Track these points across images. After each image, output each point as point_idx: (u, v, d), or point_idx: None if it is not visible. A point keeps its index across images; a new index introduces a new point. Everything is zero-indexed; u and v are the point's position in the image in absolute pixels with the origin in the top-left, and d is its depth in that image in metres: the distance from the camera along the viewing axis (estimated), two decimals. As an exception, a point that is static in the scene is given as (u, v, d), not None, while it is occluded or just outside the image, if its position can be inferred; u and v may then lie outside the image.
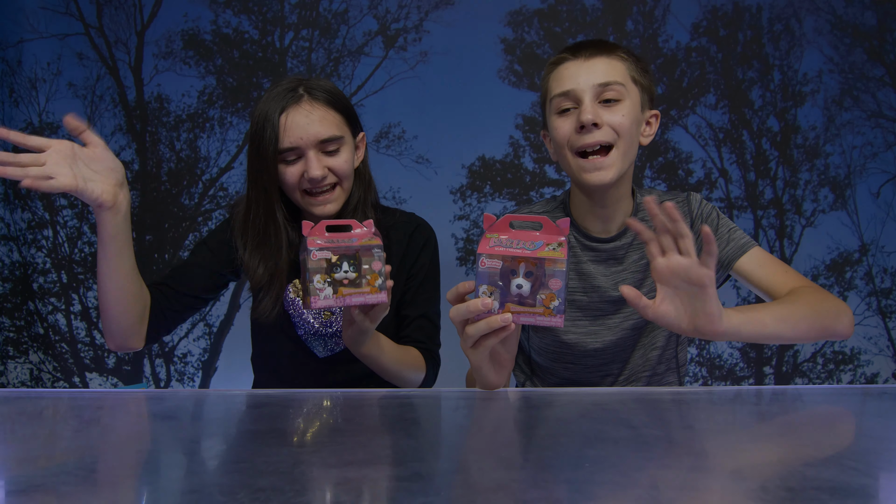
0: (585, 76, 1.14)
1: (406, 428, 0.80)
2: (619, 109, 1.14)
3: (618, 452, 0.66)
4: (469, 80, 2.35)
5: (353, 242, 0.99)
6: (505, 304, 0.82)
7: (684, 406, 0.88)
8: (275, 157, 1.16)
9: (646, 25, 2.37)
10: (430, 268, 1.32)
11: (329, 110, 1.19)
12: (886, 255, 2.38)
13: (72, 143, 1.06)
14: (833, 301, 1.10)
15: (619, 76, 1.15)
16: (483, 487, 0.55)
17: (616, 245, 1.24)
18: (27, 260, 2.35)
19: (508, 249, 0.82)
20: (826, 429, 0.84)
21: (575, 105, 1.15)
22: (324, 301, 0.97)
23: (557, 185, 2.37)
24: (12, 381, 2.36)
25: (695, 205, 1.25)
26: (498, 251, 0.82)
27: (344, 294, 0.98)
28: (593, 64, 1.15)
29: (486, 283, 0.82)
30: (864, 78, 2.38)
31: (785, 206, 2.38)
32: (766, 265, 1.18)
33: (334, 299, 0.98)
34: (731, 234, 1.22)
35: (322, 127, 1.17)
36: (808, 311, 1.04)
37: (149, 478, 0.62)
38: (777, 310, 1.02)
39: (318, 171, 1.16)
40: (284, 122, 1.16)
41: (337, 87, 1.24)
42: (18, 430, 0.81)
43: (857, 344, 2.38)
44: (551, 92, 1.18)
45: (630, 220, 0.93)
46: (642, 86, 1.18)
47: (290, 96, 1.17)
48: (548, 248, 0.82)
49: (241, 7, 2.37)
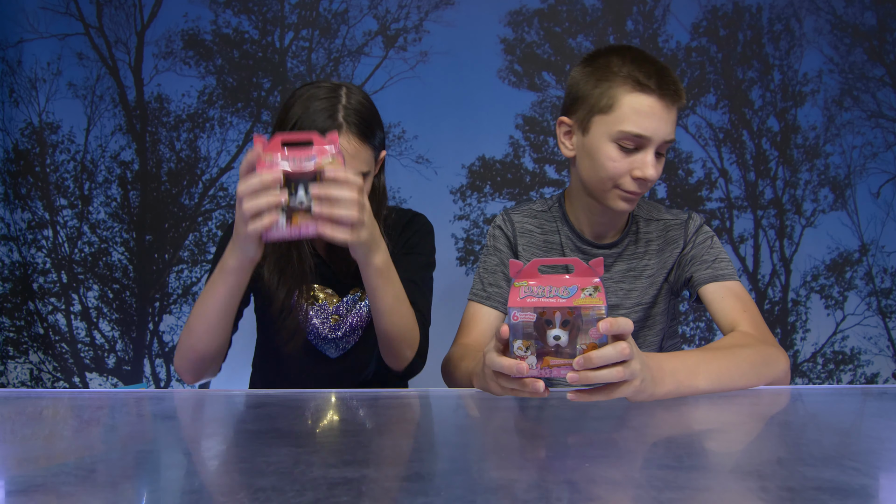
0: (664, 128, 1.11)
1: (406, 428, 0.80)
2: (661, 162, 1.15)
3: (618, 452, 0.66)
4: (469, 80, 2.35)
5: (311, 162, 0.88)
6: (543, 356, 0.75)
7: (684, 406, 0.88)
8: None
9: (646, 25, 2.37)
10: (422, 244, 1.31)
11: (363, 146, 1.14)
12: (886, 255, 2.38)
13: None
14: (773, 354, 1.06)
15: (674, 131, 1.15)
16: (483, 487, 0.55)
17: (606, 252, 1.26)
18: (27, 260, 2.35)
19: (541, 300, 0.75)
20: (826, 429, 0.84)
21: (637, 147, 1.12)
22: (276, 232, 0.88)
23: (557, 185, 2.37)
24: (12, 381, 2.36)
25: (691, 228, 1.26)
26: (530, 302, 0.74)
27: (299, 223, 0.88)
28: (671, 113, 1.12)
29: (521, 338, 0.75)
30: (864, 78, 2.38)
31: (785, 206, 2.38)
32: (729, 298, 1.16)
33: (288, 229, 0.88)
34: (715, 262, 1.21)
35: (353, 164, 1.11)
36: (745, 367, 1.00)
37: (149, 478, 0.62)
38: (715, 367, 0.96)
39: None
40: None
41: (372, 107, 1.19)
42: (18, 430, 0.81)
43: (857, 344, 2.38)
44: (622, 121, 1.11)
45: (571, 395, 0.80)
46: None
47: (330, 123, 1.11)
48: (583, 293, 0.75)
49: (241, 7, 2.37)
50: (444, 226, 2.34)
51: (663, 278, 1.27)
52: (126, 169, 2.38)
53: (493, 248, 1.32)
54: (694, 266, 1.22)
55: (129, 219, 2.39)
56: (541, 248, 1.30)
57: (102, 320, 2.38)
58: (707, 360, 0.96)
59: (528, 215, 1.33)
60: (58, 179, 2.36)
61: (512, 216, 1.33)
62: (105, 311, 2.38)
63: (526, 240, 1.31)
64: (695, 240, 1.25)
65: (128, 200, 2.38)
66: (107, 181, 2.38)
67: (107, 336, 2.38)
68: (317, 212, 0.89)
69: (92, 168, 2.37)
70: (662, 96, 1.10)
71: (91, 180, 2.37)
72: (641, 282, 1.27)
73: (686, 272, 1.24)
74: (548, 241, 1.31)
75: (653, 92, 1.09)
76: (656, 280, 1.27)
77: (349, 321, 1.29)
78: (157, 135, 2.38)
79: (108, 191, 2.38)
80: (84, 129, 2.36)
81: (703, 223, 1.27)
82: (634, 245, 1.28)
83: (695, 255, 1.23)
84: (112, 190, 2.38)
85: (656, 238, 1.28)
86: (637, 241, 1.28)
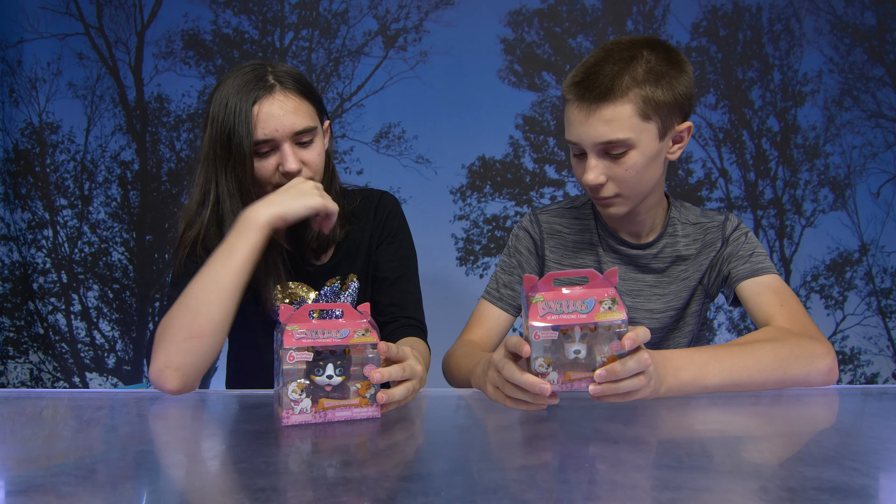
0: (589, 132, 1.06)
1: (406, 428, 0.80)
2: (624, 162, 1.07)
3: (618, 452, 0.66)
4: (469, 80, 2.35)
5: (340, 337, 0.80)
6: (564, 371, 0.75)
7: (684, 406, 0.88)
8: (250, 149, 1.10)
9: (646, 25, 2.37)
10: (398, 230, 1.30)
11: (302, 100, 1.14)
12: (886, 255, 2.38)
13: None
14: (807, 346, 0.99)
15: (622, 130, 1.05)
16: (483, 487, 0.55)
17: (640, 253, 1.23)
18: (27, 260, 2.35)
19: (561, 317, 0.74)
20: (826, 429, 0.84)
21: (583, 153, 1.10)
22: (299, 416, 0.78)
23: (557, 185, 2.37)
24: (12, 381, 2.36)
25: (729, 228, 1.23)
26: (551, 320, 0.74)
27: (325, 408, 0.79)
28: (598, 116, 1.04)
29: (542, 356, 0.75)
30: (864, 78, 2.38)
31: (785, 206, 2.38)
32: (766, 293, 1.12)
33: (312, 414, 0.79)
34: (752, 256, 1.18)
35: (297, 118, 1.12)
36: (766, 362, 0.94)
37: (149, 478, 0.62)
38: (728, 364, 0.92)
39: (295, 164, 1.12)
40: (258, 112, 1.10)
41: (302, 73, 1.19)
42: (18, 430, 0.81)
43: (857, 344, 2.38)
44: (565, 129, 1.12)
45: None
46: (661, 114, 1.06)
47: (261, 86, 1.11)
48: (602, 307, 0.75)
49: (241, 7, 2.37)
50: (444, 226, 2.34)
51: (697, 281, 1.24)
52: (126, 169, 2.38)
53: (513, 250, 1.30)
54: (731, 263, 1.19)
55: (129, 219, 2.39)
56: (570, 249, 1.27)
57: (102, 320, 2.38)
58: (720, 357, 0.91)
59: (557, 214, 1.30)
60: (58, 179, 2.36)
61: (540, 216, 1.30)
62: (105, 311, 2.38)
63: (555, 241, 1.28)
64: (731, 238, 1.22)
65: (128, 200, 2.39)
66: (107, 181, 2.38)
67: (107, 336, 2.38)
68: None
69: (92, 168, 2.37)
70: (581, 99, 1.05)
71: (91, 180, 2.37)
72: (676, 286, 1.24)
73: (724, 270, 1.21)
74: (578, 242, 1.27)
75: (575, 98, 1.07)
76: (690, 283, 1.24)
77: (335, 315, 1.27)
78: (157, 135, 2.38)
79: (108, 191, 2.38)
80: (84, 129, 2.36)
81: (740, 222, 1.25)
82: (672, 248, 1.24)
83: (731, 253, 1.20)
84: (112, 190, 2.38)
85: (693, 241, 1.24)
86: (675, 243, 1.24)
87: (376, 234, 1.28)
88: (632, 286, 1.24)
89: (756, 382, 0.93)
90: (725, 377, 0.90)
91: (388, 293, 1.25)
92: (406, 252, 1.30)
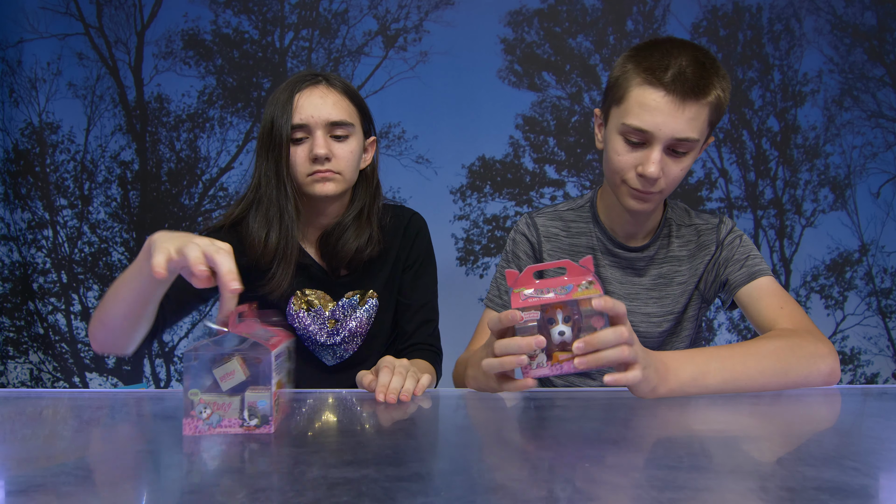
0: (671, 123, 1.03)
1: (406, 428, 0.80)
2: (682, 161, 1.07)
3: (618, 452, 0.66)
4: (469, 80, 2.35)
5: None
6: (551, 354, 0.77)
7: (684, 406, 0.88)
8: (287, 134, 1.15)
9: (646, 25, 2.37)
10: (425, 256, 1.33)
11: (344, 98, 1.20)
12: (886, 255, 2.38)
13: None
14: (809, 347, 0.98)
15: (697, 130, 1.04)
16: (483, 487, 0.55)
17: (637, 256, 1.23)
18: (27, 260, 2.35)
19: (542, 298, 0.78)
20: (826, 429, 0.84)
21: (644, 142, 1.06)
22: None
23: (557, 185, 2.37)
24: (12, 381, 2.36)
25: (723, 232, 1.23)
26: (532, 302, 0.77)
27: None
28: (685, 111, 1.03)
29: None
30: (864, 78, 2.38)
31: (785, 206, 2.38)
32: (765, 298, 1.12)
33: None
34: (748, 260, 1.18)
35: (334, 110, 1.17)
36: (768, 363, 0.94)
37: (149, 478, 0.62)
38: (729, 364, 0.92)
39: (323, 149, 1.15)
40: (298, 100, 1.17)
41: (355, 87, 1.26)
42: (18, 430, 0.81)
43: (857, 344, 2.38)
44: (627, 114, 1.06)
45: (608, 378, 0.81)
46: (716, 122, 1.08)
47: (309, 79, 1.19)
48: (579, 288, 0.78)
49: (241, 7, 2.37)
50: (444, 226, 2.34)
51: (694, 285, 1.24)
52: (126, 169, 2.38)
53: (511, 255, 1.30)
54: (728, 268, 1.19)
55: (129, 219, 2.39)
56: (567, 252, 1.26)
57: (102, 320, 2.38)
58: (720, 358, 0.91)
59: (553, 218, 1.29)
60: (58, 179, 2.36)
61: (536, 220, 1.29)
62: (105, 311, 2.38)
63: (552, 244, 1.28)
64: (726, 242, 1.22)
65: (128, 200, 2.39)
66: (107, 181, 2.38)
67: (107, 336, 2.37)
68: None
69: (92, 168, 2.37)
70: (673, 91, 1.02)
71: (91, 180, 2.37)
72: (673, 289, 1.24)
73: (721, 275, 1.21)
74: (575, 245, 1.27)
75: (661, 86, 1.02)
76: (688, 288, 1.24)
77: (348, 326, 1.27)
78: (157, 135, 2.38)
79: (108, 191, 2.38)
80: (84, 129, 2.37)
81: (734, 225, 1.25)
82: (666, 249, 1.24)
83: (727, 257, 1.20)
84: (112, 190, 2.38)
85: (688, 243, 1.24)
86: (669, 245, 1.24)
87: (402, 257, 1.31)
88: (629, 290, 1.24)
89: (757, 383, 0.93)
90: (726, 378, 0.91)
91: (411, 319, 1.31)
92: (431, 279, 1.35)
